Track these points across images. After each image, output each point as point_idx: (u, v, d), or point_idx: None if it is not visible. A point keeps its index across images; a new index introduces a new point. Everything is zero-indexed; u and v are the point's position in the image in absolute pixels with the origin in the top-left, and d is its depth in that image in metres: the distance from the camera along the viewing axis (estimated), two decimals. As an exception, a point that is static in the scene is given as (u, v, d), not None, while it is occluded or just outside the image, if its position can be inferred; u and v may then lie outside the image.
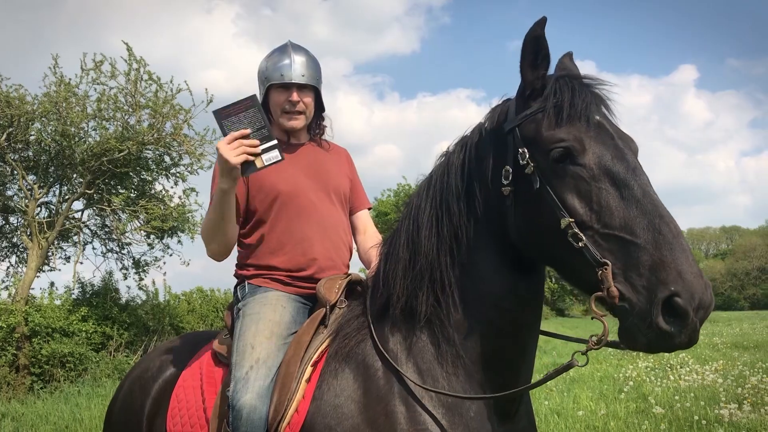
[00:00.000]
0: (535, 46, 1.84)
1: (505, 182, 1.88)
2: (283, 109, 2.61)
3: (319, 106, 2.76)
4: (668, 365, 12.01)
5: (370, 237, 2.78)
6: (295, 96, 2.58)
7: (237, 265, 2.66)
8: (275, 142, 2.19)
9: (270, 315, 2.36)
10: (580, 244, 1.69)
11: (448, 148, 2.16)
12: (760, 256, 77.61)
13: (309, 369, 2.15)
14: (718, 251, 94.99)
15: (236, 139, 2.15)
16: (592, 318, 1.71)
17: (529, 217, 1.84)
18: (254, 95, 2.15)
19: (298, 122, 2.63)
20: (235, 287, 2.64)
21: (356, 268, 3.14)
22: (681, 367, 11.50)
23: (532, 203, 1.82)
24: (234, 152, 2.14)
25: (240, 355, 2.25)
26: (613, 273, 1.63)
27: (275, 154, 2.20)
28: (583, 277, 1.72)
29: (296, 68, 2.57)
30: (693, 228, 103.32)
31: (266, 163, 2.20)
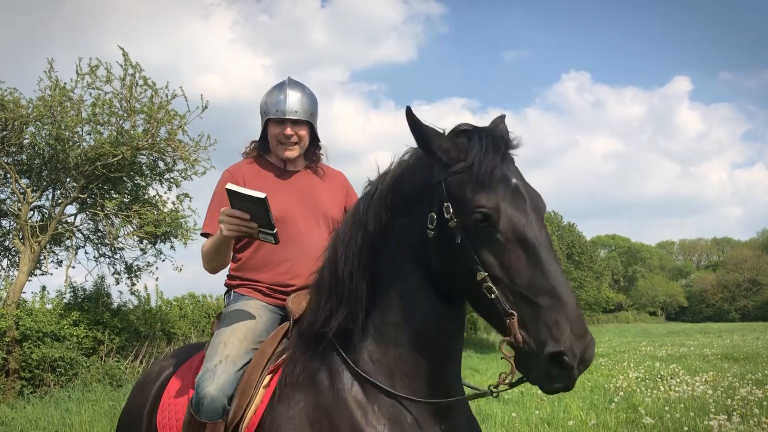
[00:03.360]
0: (427, 134, 2.07)
1: (430, 226, 2.07)
2: (278, 141, 2.87)
3: (315, 137, 2.98)
4: (659, 376, 12.06)
5: None
6: (288, 130, 2.84)
7: (228, 276, 2.94)
8: (274, 231, 2.40)
9: (247, 321, 2.63)
10: (492, 296, 1.94)
11: (373, 179, 2.34)
12: (751, 267, 77.87)
13: (268, 377, 2.39)
14: (710, 262, 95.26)
15: (237, 217, 2.37)
16: (501, 358, 2.00)
17: (450, 264, 2.06)
18: (266, 198, 2.31)
19: (293, 152, 2.89)
20: (225, 296, 2.95)
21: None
22: (671, 378, 11.55)
23: (453, 253, 2.03)
24: (229, 227, 2.39)
25: (213, 350, 2.52)
26: (518, 321, 1.90)
27: (270, 239, 2.44)
28: (494, 320, 2.00)
29: (290, 104, 2.82)
30: (685, 239, 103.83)
31: (260, 238, 2.46)
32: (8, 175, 12.76)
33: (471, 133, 2.08)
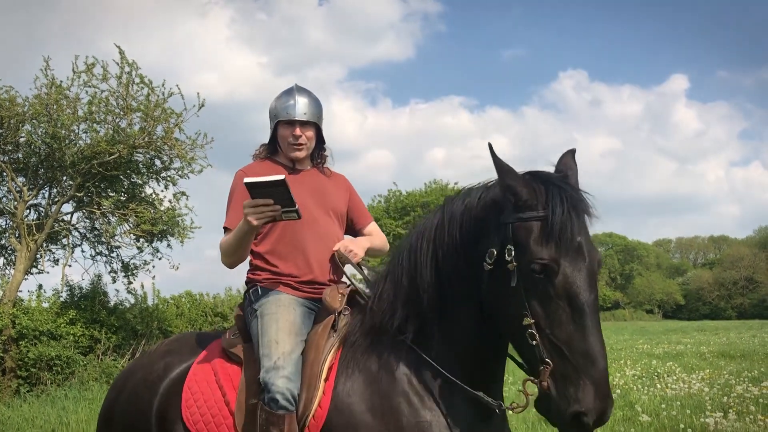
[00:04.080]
0: (505, 173, 2.21)
1: (488, 260, 2.21)
2: (288, 142, 3.06)
3: (320, 139, 3.20)
4: (655, 374, 12.08)
5: (377, 238, 3.32)
6: (297, 131, 3.03)
7: (250, 270, 3.07)
8: (296, 207, 2.53)
9: (286, 315, 2.77)
10: (533, 342, 2.09)
11: (453, 197, 2.50)
12: (748, 265, 77.96)
13: (326, 369, 2.54)
14: (706, 260, 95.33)
15: (261, 204, 2.51)
16: (519, 390, 2.23)
17: (500, 299, 2.22)
18: (284, 178, 2.43)
19: (301, 153, 3.09)
20: (247, 291, 3.04)
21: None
22: (668, 376, 11.57)
23: (506, 291, 2.17)
24: (257, 216, 2.53)
25: (267, 349, 2.64)
26: (548, 372, 2.06)
27: (293, 215, 2.56)
28: (525, 358, 2.21)
29: (299, 108, 3.03)
30: (682, 237, 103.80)
31: (284, 218, 2.59)
32: (4, 174, 12.73)
33: (552, 187, 2.17)
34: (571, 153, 2.42)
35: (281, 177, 2.42)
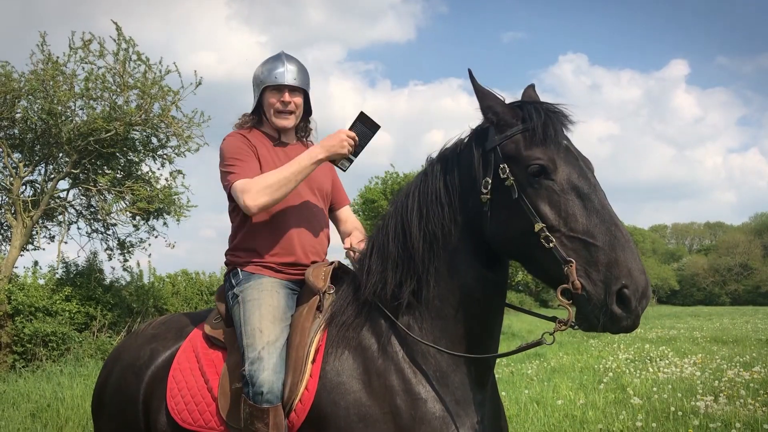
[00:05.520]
0: (486, 96, 2.29)
1: (484, 191, 2.23)
2: (276, 109, 2.89)
3: (308, 110, 3.05)
4: (648, 358, 12.16)
5: (351, 224, 3.20)
6: (287, 96, 2.87)
7: (229, 251, 2.92)
8: (354, 159, 2.71)
9: (269, 300, 2.65)
10: (550, 245, 2.04)
11: (433, 155, 2.51)
12: (743, 252, 78.21)
13: (312, 352, 2.47)
14: (702, 247, 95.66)
15: (352, 138, 2.63)
16: (557, 305, 2.03)
17: (506, 222, 2.19)
18: (379, 126, 2.70)
19: (289, 121, 2.93)
20: (227, 274, 2.90)
21: (335, 254, 3.35)
22: (660, 360, 11.64)
23: (509, 210, 2.17)
24: (347, 147, 2.63)
25: (251, 338, 2.55)
26: (577, 269, 1.99)
27: (345, 164, 2.73)
28: (550, 271, 2.10)
29: (289, 73, 2.87)
30: (678, 223, 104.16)
31: (338, 164, 2.73)
32: (0, 150, 12.68)
33: (526, 104, 2.25)
34: (532, 87, 2.49)
35: (379, 124, 2.68)
